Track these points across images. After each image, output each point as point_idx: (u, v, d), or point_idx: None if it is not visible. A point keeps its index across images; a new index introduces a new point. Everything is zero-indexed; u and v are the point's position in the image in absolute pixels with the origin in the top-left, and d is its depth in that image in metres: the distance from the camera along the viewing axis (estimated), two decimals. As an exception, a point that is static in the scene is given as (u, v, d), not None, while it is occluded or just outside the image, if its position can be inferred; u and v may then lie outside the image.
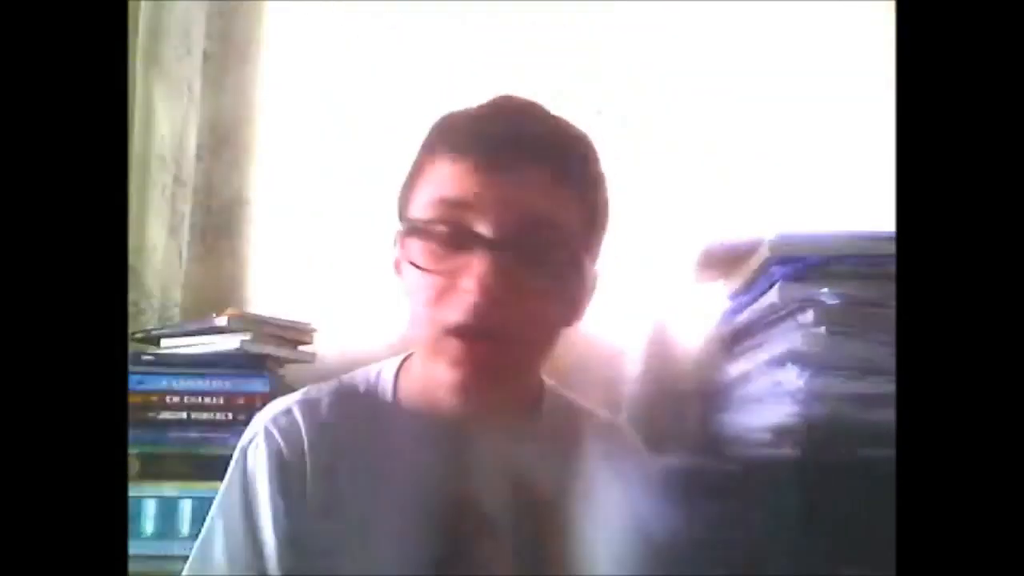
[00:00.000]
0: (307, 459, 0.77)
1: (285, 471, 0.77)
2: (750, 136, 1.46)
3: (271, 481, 0.76)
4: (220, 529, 0.77)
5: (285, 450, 0.77)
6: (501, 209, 0.67)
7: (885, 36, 1.43)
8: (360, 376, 0.83)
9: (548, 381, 0.85)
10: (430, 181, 0.71)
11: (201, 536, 0.78)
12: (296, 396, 0.82)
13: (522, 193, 0.67)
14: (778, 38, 1.50)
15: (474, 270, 0.66)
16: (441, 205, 0.69)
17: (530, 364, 0.75)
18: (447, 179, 0.69)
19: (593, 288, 0.79)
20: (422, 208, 0.71)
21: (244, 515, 0.77)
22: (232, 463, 0.79)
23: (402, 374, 0.81)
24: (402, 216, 0.75)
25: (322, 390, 0.82)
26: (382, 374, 0.82)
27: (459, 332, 0.68)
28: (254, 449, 0.78)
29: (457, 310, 0.67)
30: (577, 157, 0.73)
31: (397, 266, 0.76)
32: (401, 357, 0.83)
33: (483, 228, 0.67)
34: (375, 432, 0.79)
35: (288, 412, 0.79)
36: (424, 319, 0.71)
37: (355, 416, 0.80)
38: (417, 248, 0.70)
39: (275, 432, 0.78)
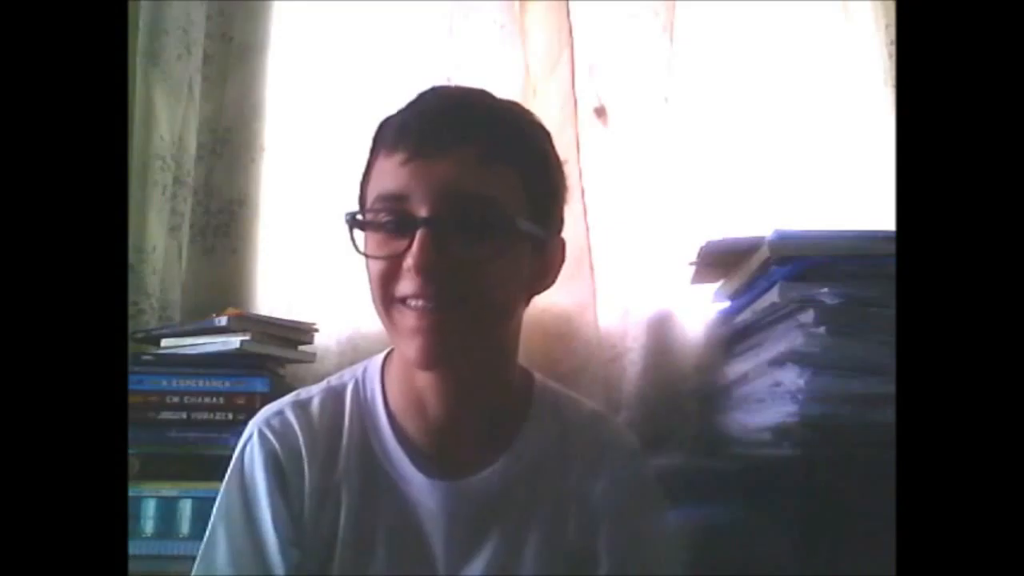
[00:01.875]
0: (304, 458, 0.78)
1: (282, 472, 0.78)
2: (750, 136, 1.46)
3: (269, 482, 0.78)
4: (222, 533, 0.78)
5: (281, 451, 0.79)
6: (432, 191, 0.71)
7: (885, 36, 1.42)
8: (348, 375, 0.85)
9: (537, 375, 0.86)
10: (373, 180, 0.76)
11: (204, 542, 0.79)
12: (288, 399, 0.83)
13: (451, 173, 0.71)
14: (779, 38, 1.49)
15: (414, 247, 0.70)
16: (381, 200, 0.74)
17: (490, 330, 0.76)
18: (383, 175, 0.74)
19: (561, 259, 0.81)
20: (368, 206, 0.76)
21: (245, 518, 0.78)
22: (229, 468, 0.80)
23: (387, 368, 0.83)
24: (360, 200, 0.79)
25: (312, 391, 0.83)
26: (368, 370, 0.84)
27: (408, 303, 0.72)
28: (250, 452, 0.80)
29: (404, 283, 0.72)
30: (508, 134, 0.75)
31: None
32: (385, 352, 0.85)
33: (419, 211, 0.71)
34: (366, 427, 0.80)
35: (281, 413, 0.81)
36: (378, 298, 0.75)
37: (346, 413, 0.81)
38: (365, 239, 0.75)
39: (269, 434, 0.79)
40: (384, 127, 0.77)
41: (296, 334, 1.25)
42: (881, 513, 0.65)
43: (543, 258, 0.79)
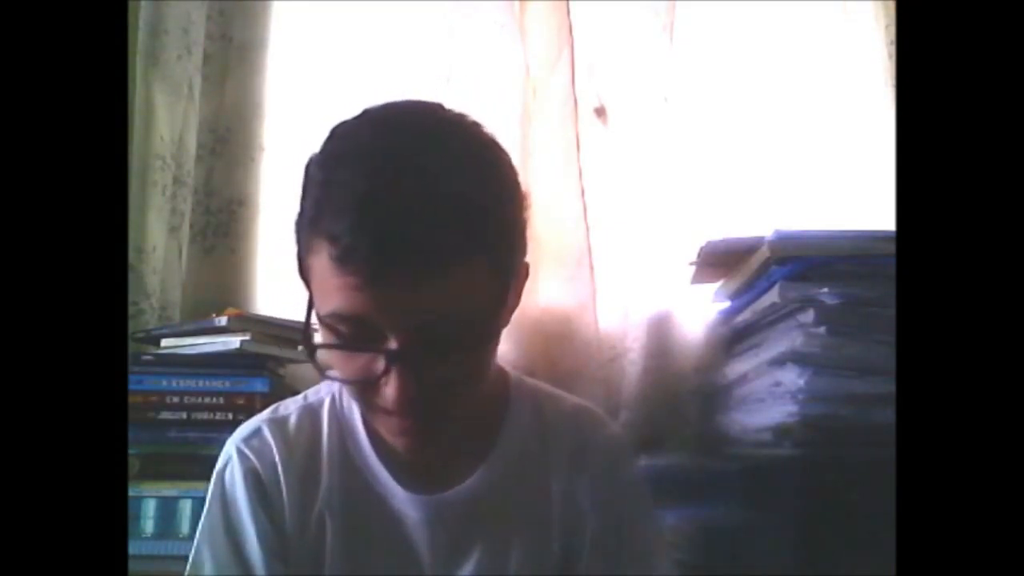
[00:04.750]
0: (281, 475, 0.78)
1: (262, 489, 0.78)
2: (750, 135, 1.47)
3: (250, 500, 0.78)
4: (207, 554, 0.78)
5: (260, 469, 0.78)
6: (400, 323, 0.64)
7: (885, 36, 1.43)
8: (324, 389, 0.84)
9: (513, 373, 0.85)
10: (320, 281, 0.66)
11: (189, 563, 0.79)
12: (265, 415, 0.83)
13: (418, 300, 0.63)
14: (779, 38, 1.50)
15: (390, 383, 0.65)
16: (337, 318, 0.66)
17: (465, 404, 0.72)
18: (336, 293, 0.64)
19: (524, 280, 0.75)
20: (320, 305, 0.67)
21: (228, 537, 0.78)
22: (210, 489, 0.80)
23: None
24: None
25: (289, 407, 0.83)
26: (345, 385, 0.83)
27: (389, 416, 0.69)
28: (230, 472, 0.79)
29: (384, 402, 0.66)
30: (465, 218, 0.63)
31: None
32: None
33: (388, 339, 0.64)
34: (346, 442, 0.80)
35: (258, 431, 0.81)
36: (354, 397, 0.73)
37: (324, 430, 0.81)
38: (326, 338, 0.68)
39: (248, 452, 0.79)
40: (327, 219, 0.64)
41: (296, 334, 1.25)
42: (881, 513, 0.65)
43: (508, 301, 0.73)
